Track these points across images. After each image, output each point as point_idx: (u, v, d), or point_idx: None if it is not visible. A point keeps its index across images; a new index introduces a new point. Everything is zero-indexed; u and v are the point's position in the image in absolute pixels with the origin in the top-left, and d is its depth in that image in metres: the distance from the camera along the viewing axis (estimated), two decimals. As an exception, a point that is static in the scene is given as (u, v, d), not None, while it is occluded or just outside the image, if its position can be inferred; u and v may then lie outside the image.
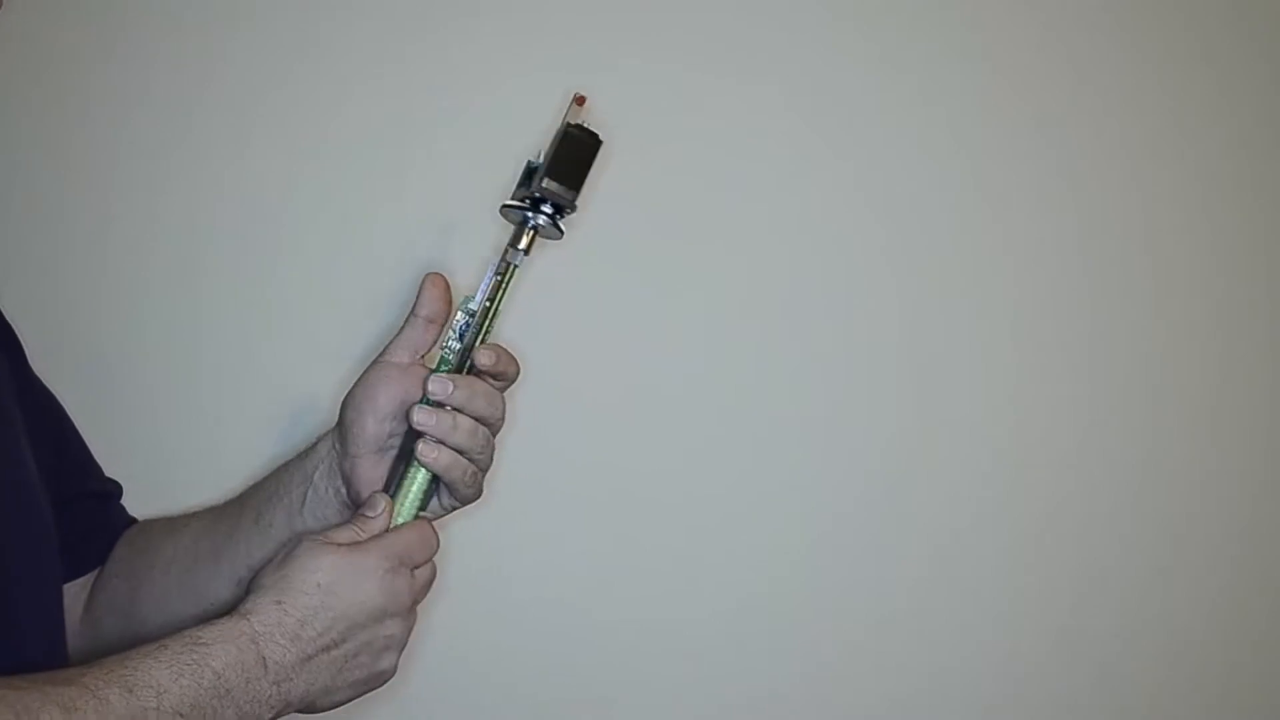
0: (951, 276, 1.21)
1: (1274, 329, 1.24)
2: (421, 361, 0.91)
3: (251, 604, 0.79)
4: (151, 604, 0.95)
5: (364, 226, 1.16)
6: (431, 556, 0.86)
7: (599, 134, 0.89)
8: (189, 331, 1.16)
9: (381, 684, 0.85)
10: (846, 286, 1.20)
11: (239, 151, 1.15)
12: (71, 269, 1.15)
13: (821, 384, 1.20)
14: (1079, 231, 1.22)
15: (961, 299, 1.21)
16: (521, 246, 0.90)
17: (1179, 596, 1.24)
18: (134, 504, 1.04)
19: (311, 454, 0.94)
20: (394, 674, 0.86)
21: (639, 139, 1.15)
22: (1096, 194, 1.22)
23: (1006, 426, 1.22)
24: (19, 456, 0.88)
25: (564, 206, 0.88)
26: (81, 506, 0.98)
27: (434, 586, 0.88)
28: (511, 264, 0.90)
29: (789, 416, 1.20)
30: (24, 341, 0.98)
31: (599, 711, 1.20)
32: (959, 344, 1.20)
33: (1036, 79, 1.21)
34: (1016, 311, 1.21)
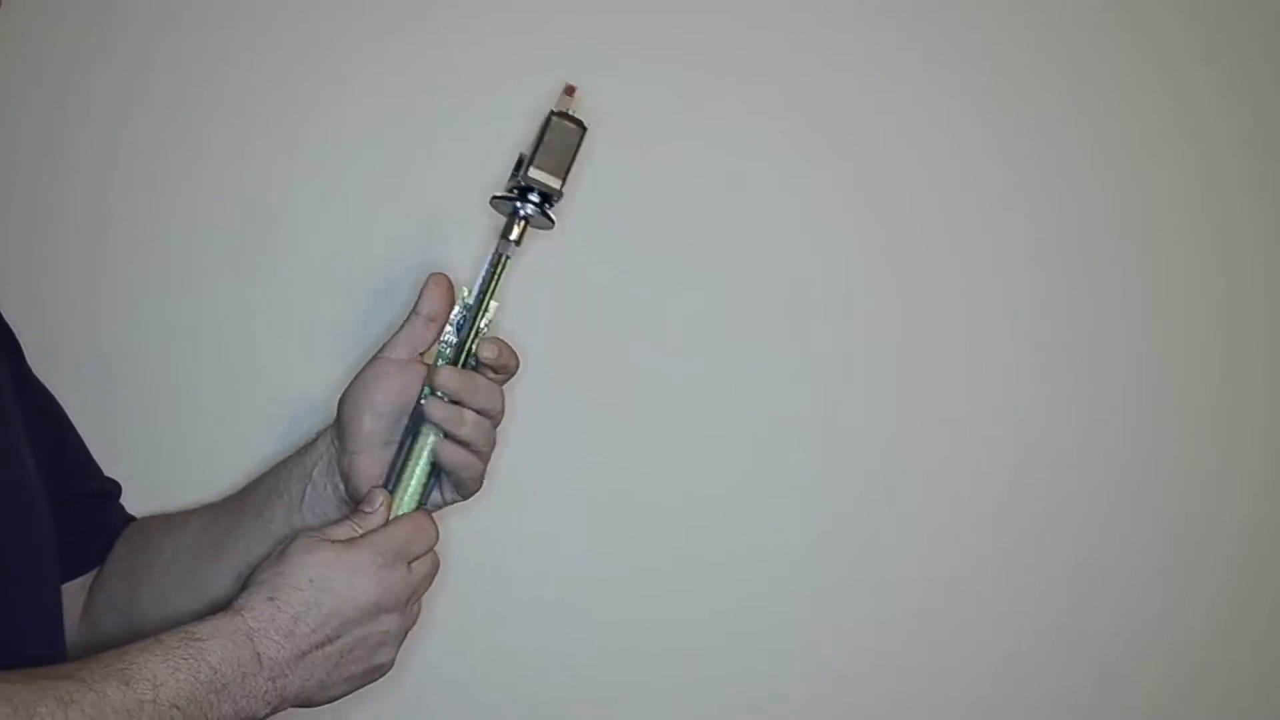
0: (951, 276, 1.21)
1: (1274, 329, 1.24)
2: (421, 359, 0.91)
3: (246, 600, 0.79)
4: (151, 602, 0.95)
5: (364, 226, 1.16)
6: (430, 548, 0.86)
7: (584, 121, 0.89)
8: (189, 331, 1.16)
9: (379, 678, 0.85)
10: (846, 286, 1.20)
11: (239, 151, 1.15)
12: (71, 269, 1.15)
13: (821, 384, 1.20)
14: (1079, 231, 1.22)
15: (961, 299, 1.21)
16: (512, 237, 0.90)
17: (1179, 596, 1.24)
18: (134, 504, 1.04)
19: (311, 450, 0.94)
20: (392, 668, 0.86)
21: (639, 139, 1.15)
22: (1096, 194, 1.22)
23: (1006, 426, 1.22)
24: (18, 457, 0.88)
25: (550, 195, 0.88)
26: (80, 506, 0.98)
27: (436, 580, 0.88)
28: (503, 255, 0.90)
29: (789, 416, 1.20)
30: (24, 341, 0.98)
31: (599, 711, 1.20)
32: (959, 344, 1.20)
33: (1036, 79, 1.21)
34: (1016, 311, 1.21)
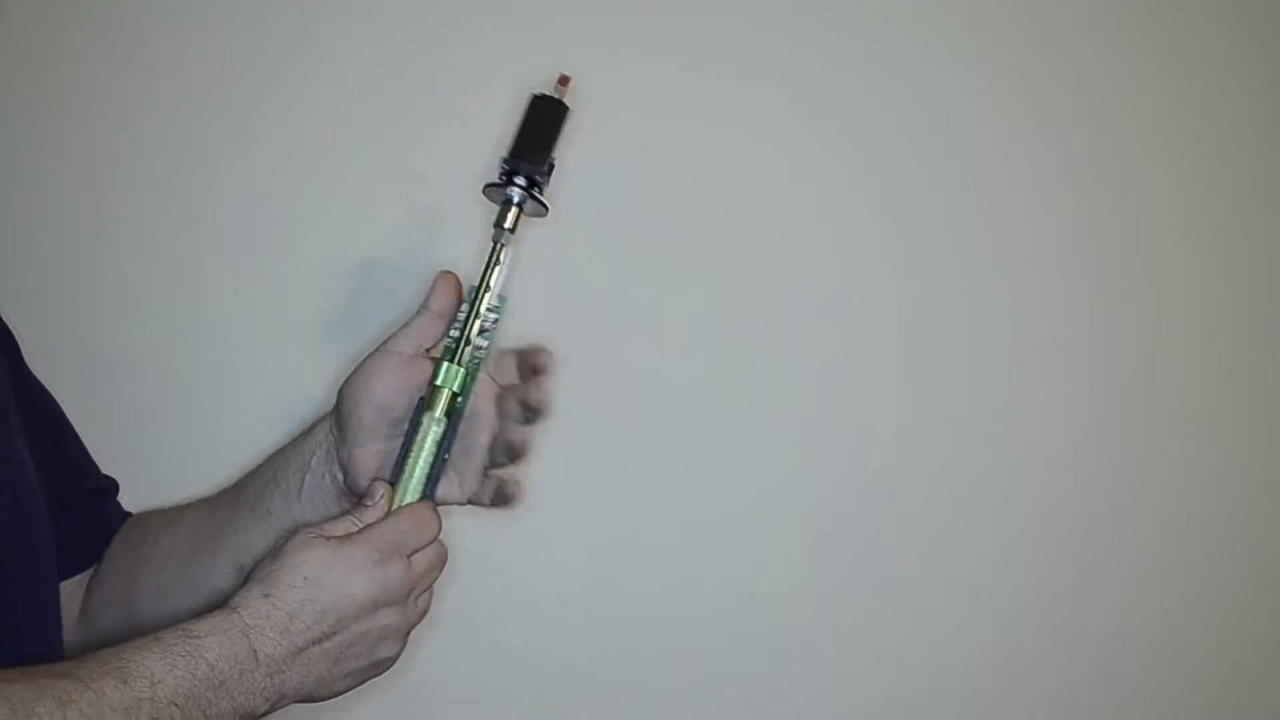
0: (951, 276, 1.20)
1: (1274, 329, 1.24)
2: (426, 354, 0.91)
3: (242, 597, 0.79)
4: (149, 598, 0.95)
5: (364, 226, 1.16)
6: (431, 540, 0.85)
7: (565, 102, 0.88)
8: (189, 331, 1.16)
9: (382, 672, 0.85)
10: (846, 286, 1.20)
11: (239, 151, 1.15)
12: (71, 269, 1.15)
13: (821, 384, 1.20)
14: (1079, 231, 1.22)
15: (961, 299, 1.21)
16: (507, 225, 0.90)
17: (1179, 596, 1.24)
18: (134, 503, 1.04)
19: (308, 438, 0.93)
20: (396, 661, 0.85)
21: (639, 139, 1.15)
22: (1096, 194, 1.22)
23: (1006, 426, 1.22)
24: (17, 456, 0.88)
25: (536, 177, 0.88)
26: (79, 505, 0.98)
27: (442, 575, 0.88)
28: (497, 243, 0.90)
29: (789, 416, 1.20)
30: (24, 341, 0.98)
31: (599, 711, 1.20)
32: (959, 344, 1.20)
33: (1036, 79, 1.21)
34: (1016, 311, 1.21)
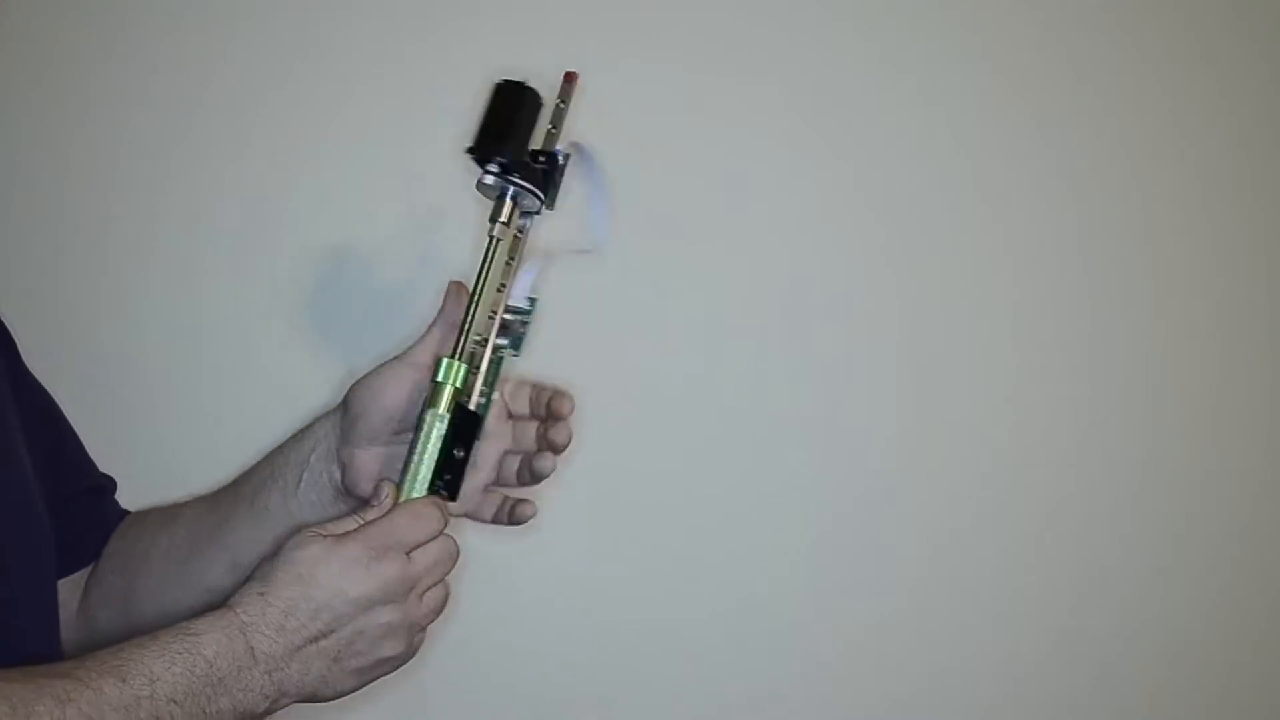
0: (951, 276, 1.20)
1: (1274, 329, 1.24)
2: None
3: (239, 596, 0.80)
4: (148, 596, 0.95)
5: (364, 226, 1.16)
6: (432, 535, 0.84)
7: (527, 84, 0.89)
8: (189, 331, 1.16)
9: (391, 670, 0.84)
10: (846, 286, 1.20)
11: (239, 151, 1.15)
12: (71, 269, 1.15)
13: (821, 384, 1.20)
14: (1079, 231, 1.22)
15: (961, 299, 1.21)
16: (502, 219, 0.90)
17: (1179, 596, 1.24)
18: (134, 503, 1.04)
19: (308, 435, 0.93)
20: (411, 656, 0.85)
21: (639, 139, 1.15)
22: (1096, 194, 1.22)
23: (1006, 426, 1.22)
24: (16, 455, 0.88)
25: (506, 161, 0.88)
26: (77, 503, 0.97)
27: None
28: (495, 238, 0.90)
29: (789, 416, 1.20)
30: (24, 341, 0.98)
31: (599, 711, 1.20)
32: (959, 344, 1.20)
33: (1036, 79, 1.21)
34: (1016, 311, 1.21)
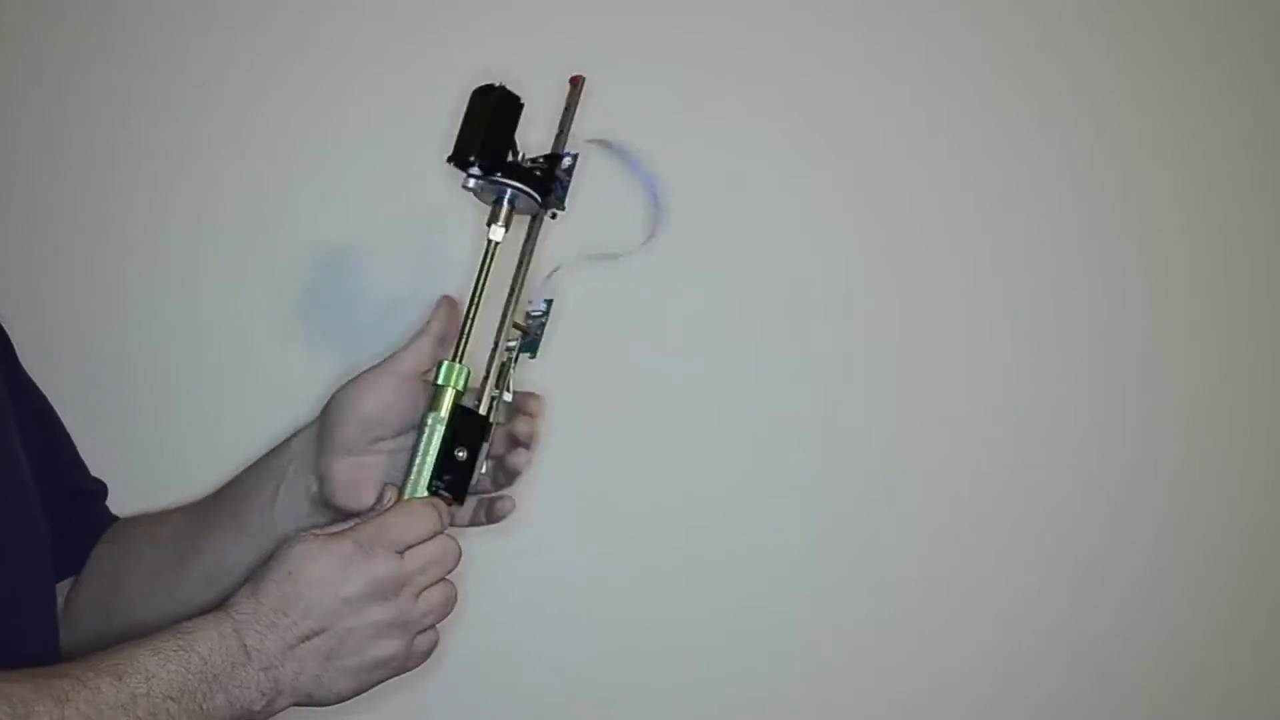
0: (951, 276, 1.20)
1: (1274, 329, 1.24)
2: (425, 377, 0.90)
3: (234, 597, 0.80)
4: (128, 604, 0.95)
5: (364, 226, 1.16)
6: (426, 536, 0.84)
7: (499, 85, 0.89)
8: (189, 331, 1.16)
9: (393, 672, 0.84)
10: (846, 286, 1.20)
11: (239, 151, 1.15)
12: (71, 269, 1.15)
13: (821, 384, 1.20)
14: (1079, 231, 1.22)
15: (961, 299, 1.21)
16: (499, 222, 0.90)
17: (1179, 596, 1.24)
18: (134, 504, 1.04)
19: (285, 449, 0.93)
20: (419, 659, 0.85)
21: (639, 139, 1.15)
22: (1096, 194, 1.22)
23: (1006, 426, 1.22)
24: (15, 456, 0.88)
25: (485, 165, 0.88)
26: (70, 507, 0.97)
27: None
28: (492, 242, 0.90)
29: (789, 416, 1.20)
30: (24, 342, 0.98)
31: (599, 711, 1.20)
32: (959, 344, 1.20)
33: (1036, 79, 1.21)
34: (1016, 311, 1.21)
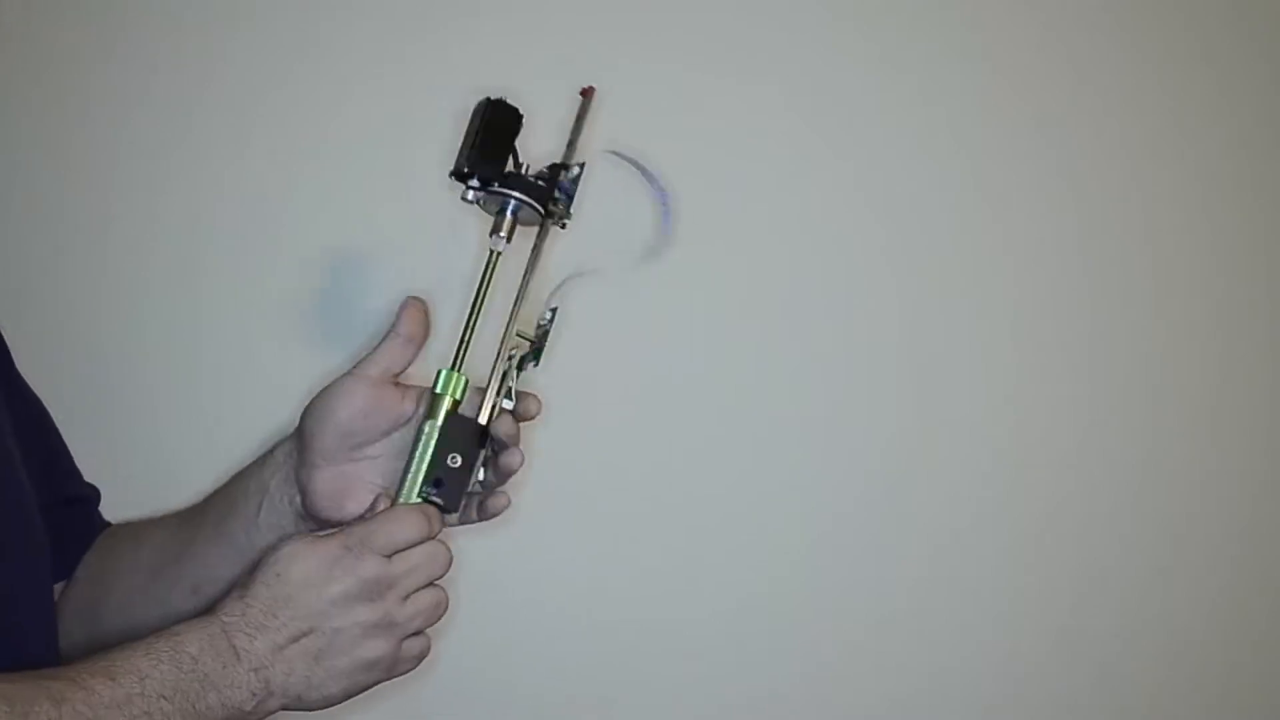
0: (951, 276, 1.20)
1: (1274, 329, 1.24)
2: (395, 379, 0.89)
3: (223, 600, 0.81)
4: (113, 612, 0.94)
5: (364, 226, 1.15)
6: (413, 539, 0.84)
7: (495, 98, 0.90)
8: (189, 331, 1.16)
9: (380, 675, 0.84)
10: (846, 286, 1.20)
11: (239, 151, 1.15)
12: (71, 269, 1.15)
13: (821, 384, 1.20)
14: (1079, 231, 1.22)
15: (961, 299, 1.21)
16: (502, 233, 0.90)
17: (1179, 596, 1.24)
18: (134, 504, 1.04)
19: (268, 461, 0.92)
20: (408, 663, 0.85)
21: (639, 139, 1.15)
22: (1096, 194, 1.22)
23: (1006, 426, 1.22)
24: (13, 456, 0.88)
25: (486, 177, 0.89)
26: (63, 511, 0.97)
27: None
28: (494, 252, 0.91)
29: (789, 416, 1.20)
30: (24, 342, 0.97)
31: (599, 711, 1.20)
32: (959, 344, 1.20)
33: (1036, 79, 1.21)
34: (1016, 311, 1.21)
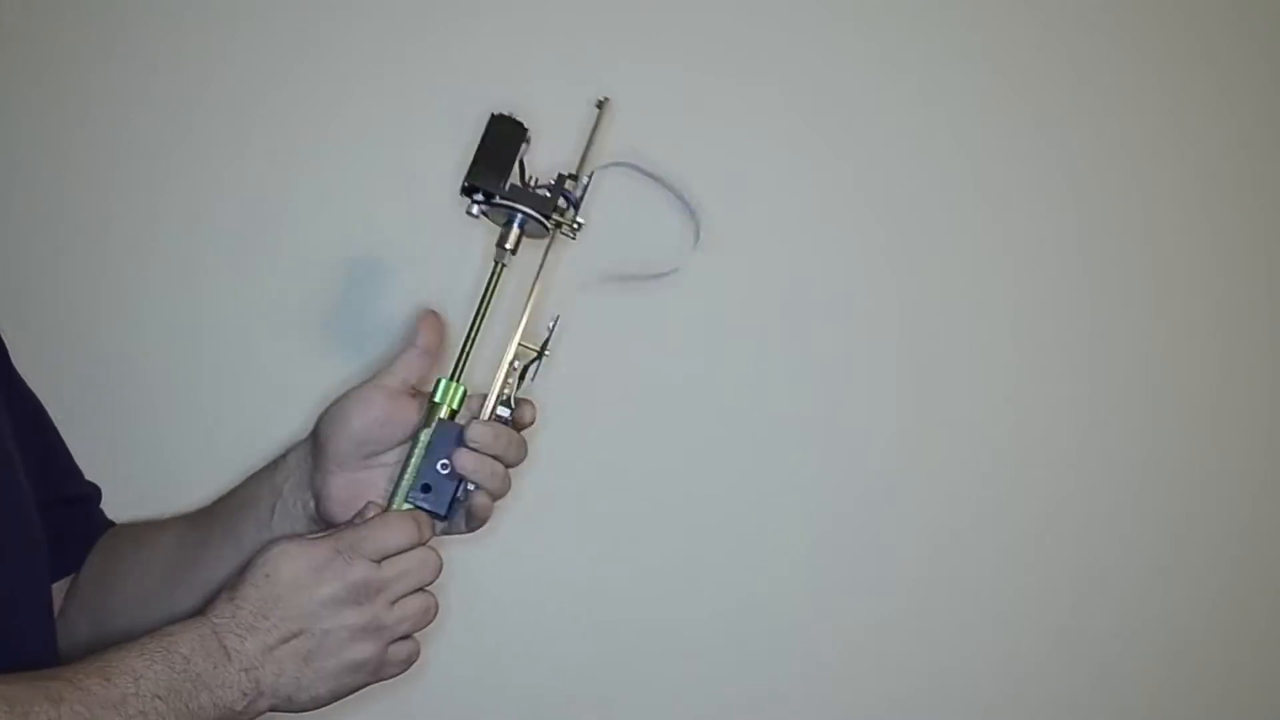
0: (951, 276, 1.20)
1: (1274, 329, 1.24)
2: (412, 389, 0.91)
3: (212, 602, 0.82)
4: (120, 613, 0.95)
5: (364, 226, 1.16)
6: (403, 545, 0.85)
7: (521, 121, 0.91)
8: (189, 331, 1.16)
9: (366, 678, 0.84)
10: (846, 286, 1.20)
11: (239, 151, 1.15)
12: (71, 269, 1.15)
13: (821, 384, 1.20)
14: (1079, 231, 1.22)
15: (961, 299, 1.21)
16: (507, 246, 0.91)
17: (1179, 596, 1.24)
18: (134, 504, 1.04)
19: (281, 465, 0.93)
20: (395, 668, 0.86)
21: (639, 139, 1.15)
22: (1096, 194, 1.22)
23: (1006, 426, 1.22)
24: (11, 456, 0.88)
25: (488, 191, 0.89)
26: (63, 510, 0.97)
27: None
28: (499, 263, 0.91)
29: (789, 416, 1.20)
30: (24, 341, 0.98)
31: (599, 711, 1.20)
32: (959, 344, 1.20)
33: (1036, 79, 1.21)
34: (1016, 311, 1.21)
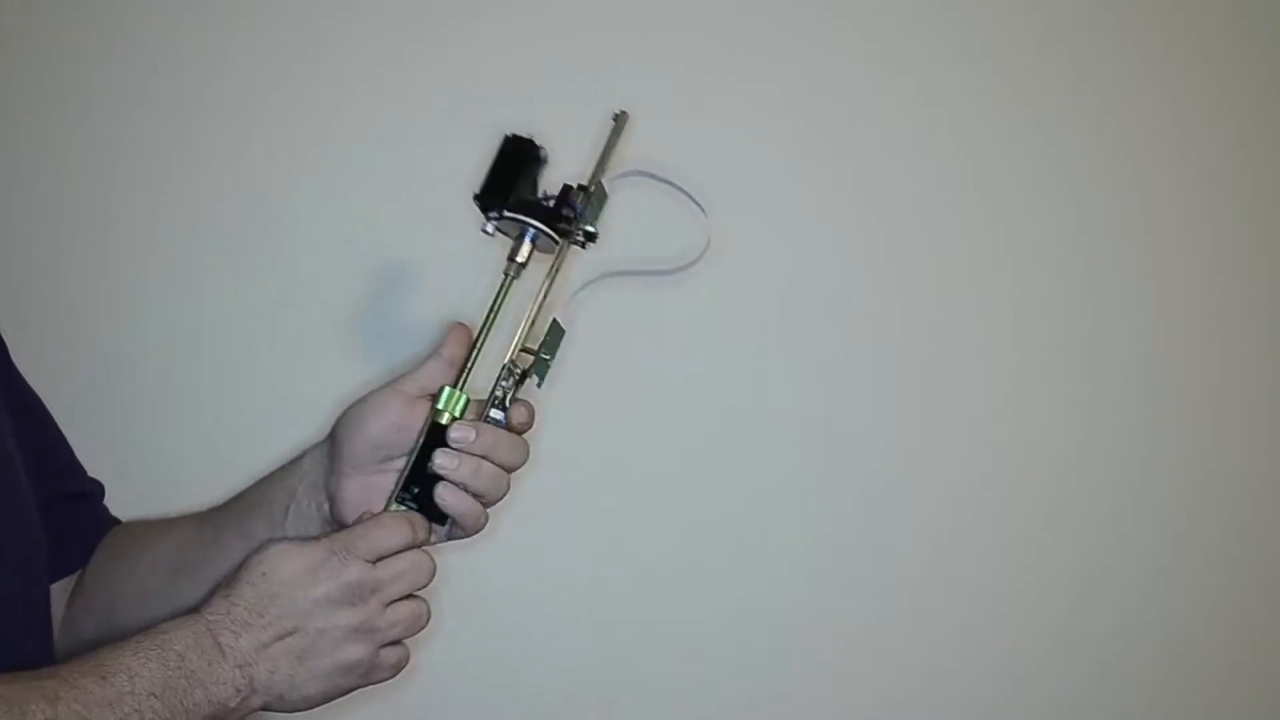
0: (951, 276, 1.20)
1: (1274, 329, 1.24)
2: (430, 397, 0.90)
3: (208, 600, 0.82)
4: (130, 610, 0.94)
5: (364, 226, 1.16)
6: (397, 547, 0.85)
7: (518, 135, 0.91)
8: (189, 331, 1.16)
9: (358, 680, 0.84)
10: (846, 286, 1.20)
11: (239, 151, 1.15)
12: (71, 269, 1.15)
13: (821, 384, 1.20)
14: (1079, 231, 1.22)
15: (961, 299, 1.21)
16: (518, 259, 0.91)
17: (1179, 596, 1.24)
18: (134, 504, 1.04)
19: (295, 467, 0.93)
20: (386, 671, 0.85)
21: (639, 139, 1.15)
22: (1096, 194, 1.22)
23: (1006, 426, 1.22)
24: (10, 455, 0.88)
25: (489, 208, 0.90)
26: (65, 507, 0.97)
27: (436, 580, 0.87)
28: (508, 276, 0.91)
29: (789, 416, 1.20)
30: (24, 342, 0.97)
31: (599, 711, 1.20)
32: (959, 344, 1.20)
33: (1036, 79, 1.21)
34: (1016, 311, 1.21)
